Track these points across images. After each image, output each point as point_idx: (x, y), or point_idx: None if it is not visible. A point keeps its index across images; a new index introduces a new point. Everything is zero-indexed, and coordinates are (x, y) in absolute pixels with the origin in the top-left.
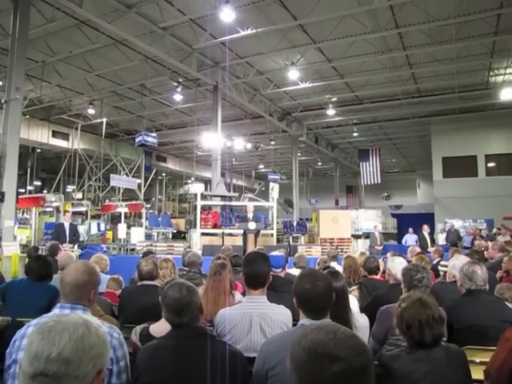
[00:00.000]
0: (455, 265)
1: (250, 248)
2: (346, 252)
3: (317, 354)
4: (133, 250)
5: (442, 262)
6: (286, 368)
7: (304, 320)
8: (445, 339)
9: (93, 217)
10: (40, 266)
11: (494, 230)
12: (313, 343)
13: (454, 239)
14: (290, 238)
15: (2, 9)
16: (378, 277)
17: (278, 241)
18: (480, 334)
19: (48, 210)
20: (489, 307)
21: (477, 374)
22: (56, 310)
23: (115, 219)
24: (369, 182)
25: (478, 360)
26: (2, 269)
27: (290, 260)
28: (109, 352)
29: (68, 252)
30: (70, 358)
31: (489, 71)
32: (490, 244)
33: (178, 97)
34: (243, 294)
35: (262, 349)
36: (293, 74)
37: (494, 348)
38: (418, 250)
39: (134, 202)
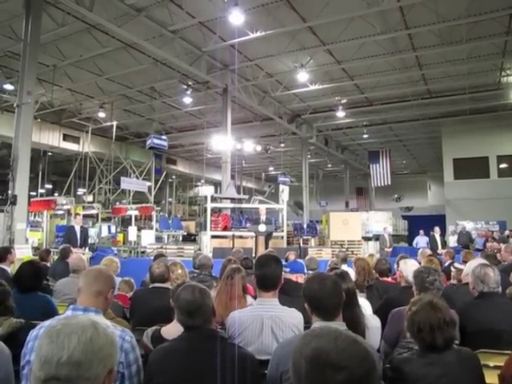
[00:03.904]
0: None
1: (261, 250)
2: (356, 254)
3: (319, 365)
4: (143, 252)
5: (456, 264)
6: None
7: (317, 323)
8: (457, 342)
9: (103, 219)
10: (30, 274)
11: (507, 232)
12: (314, 353)
13: (466, 241)
14: (301, 241)
15: (15, 14)
16: (389, 279)
17: (289, 243)
18: (494, 338)
19: (59, 212)
20: (502, 310)
21: (491, 378)
22: (68, 312)
23: (125, 222)
24: (379, 184)
25: (491, 364)
26: (15, 271)
27: None
28: (118, 351)
29: (79, 254)
30: (81, 361)
31: (500, 71)
32: (502, 246)
33: (187, 99)
34: (254, 297)
35: (275, 352)
36: (302, 76)
37: (509, 352)
38: (429, 252)
39: (144, 205)
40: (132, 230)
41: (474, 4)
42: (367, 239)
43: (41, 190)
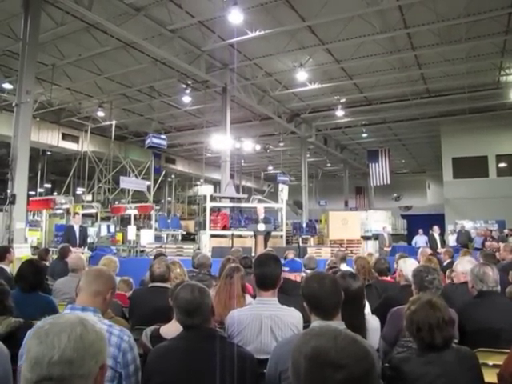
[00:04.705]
0: (464, 264)
1: (260, 249)
2: (355, 253)
3: (318, 363)
4: (142, 251)
5: None
6: None
7: (316, 322)
8: (456, 341)
9: (102, 219)
10: (32, 273)
11: (506, 231)
12: (314, 351)
13: (465, 240)
14: (300, 240)
15: (13, 13)
16: (389, 278)
17: (288, 242)
18: (493, 337)
19: (58, 212)
20: (501, 309)
21: (490, 377)
22: (66, 311)
23: (125, 221)
24: (378, 183)
25: (490, 363)
26: (14, 271)
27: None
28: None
29: (78, 254)
30: (73, 359)
31: (499, 70)
32: (501, 245)
33: (186, 99)
34: (254, 296)
35: (274, 351)
36: (301, 76)
37: (508, 351)
38: (429, 251)
39: (143, 204)
40: (131, 230)
41: (473, 3)
42: (366, 238)
43: (40, 190)
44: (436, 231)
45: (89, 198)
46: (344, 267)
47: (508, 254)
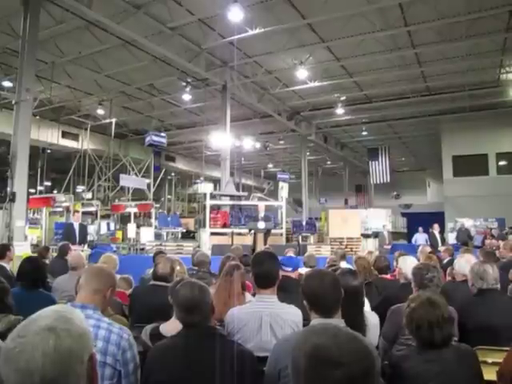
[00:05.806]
0: (461, 263)
1: (260, 247)
2: (355, 252)
3: (318, 360)
4: (142, 249)
5: None
6: None
7: (315, 320)
8: (456, 339)
9: (102, 217)
10: (32, 270)
11: (506, 229)
12: (314, 349)
13: (465, 238)
14: (300, 238)
15: (13, 11)
16: (389, 276)
17: (288, 240)
18: (493, 335)
19: (58, 210)
20: (501, 307)
21: (489, 374)
22: None
23: (125, 219)
24: (378, 181)
25: (490, 360)
26: (14, 268)
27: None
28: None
29: (78, 252)
30: (56, 375)
31: (500, 69)
32: (501, 243)
33: (186, 97)
34: (254, 294)
35: (274, 349)
36: (301, 73)
37: (508, 349)
38: (429, 249)
39: (143, 202)
40: (131, 227)
41: (473, 1)
42: (366, 236)
43: (40, 188)
44: (436, 229)
45: (89, 195)
46: (344, 265)
47: (508, 252)
